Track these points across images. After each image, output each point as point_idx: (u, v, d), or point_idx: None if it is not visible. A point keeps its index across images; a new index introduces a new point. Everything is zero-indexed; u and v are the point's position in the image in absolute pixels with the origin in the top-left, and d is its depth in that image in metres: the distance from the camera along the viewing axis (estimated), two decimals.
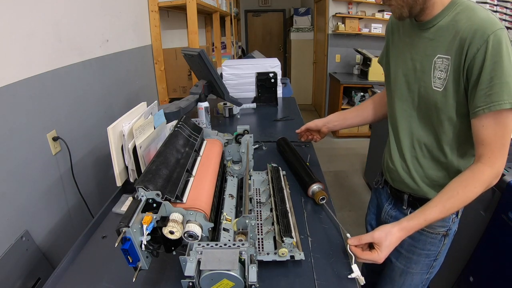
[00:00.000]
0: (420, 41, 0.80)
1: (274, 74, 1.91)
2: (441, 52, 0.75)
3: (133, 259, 0.55)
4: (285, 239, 0.69)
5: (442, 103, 0.76)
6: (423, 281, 0.97)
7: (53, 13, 1.12)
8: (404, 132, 0.89)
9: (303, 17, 5.26)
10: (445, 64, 0.74)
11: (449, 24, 0.73)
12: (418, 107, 0.84)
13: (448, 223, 0.89)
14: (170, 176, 0.65)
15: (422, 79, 0.80)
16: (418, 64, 0.81)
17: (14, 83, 0.94)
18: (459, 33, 0.70)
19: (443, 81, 0.75)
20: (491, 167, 0.70)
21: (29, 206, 1.00)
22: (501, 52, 0.65)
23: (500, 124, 0.68)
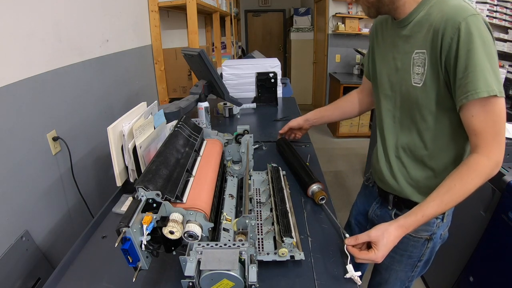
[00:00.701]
0: (399, 39, 0.80)
1: (274, 74, 1.91)
2: (417, 47, 0.74)
3: (133, 259, 0.55)
4: (285, 239, 0.69)
5: (422, 99, 0.75)
6: (409, 278, 0.96)
7: (53, 13, 1.12)
8: (389, 133, 0.88)
9: (303, 17, 5.26)
10: (422, 59, 0.73)
11: (423, 18, 0.73)
12: (401, 106, 0.83)
13: (431, 227, 0.86)
14: (170, 176, 0.65)
15: (403, 77, 0.79)
16: (399, 63, 0.80)
17: (14, 83, 0.94)
18: (432, 25, 0.69)
19: (422, 76, 0.74)
20: (487, 156, 0.67)
21: (29, 206, 1.00)
22: (473, 39, 0.63)
23: (489, 112, 0.65)
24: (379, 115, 0.93)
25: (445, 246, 1.02)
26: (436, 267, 1.70)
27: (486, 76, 0.63)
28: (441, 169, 0.80)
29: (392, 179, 0.89)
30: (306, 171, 1.00)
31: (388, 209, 0.94)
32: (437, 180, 0.78)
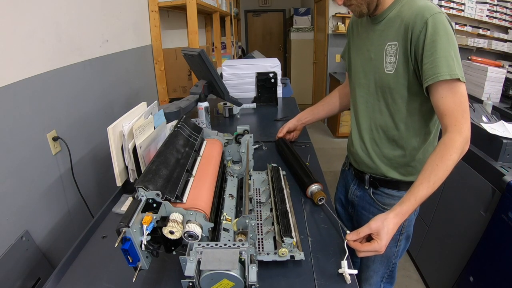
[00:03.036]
0: (373, 33, 0.91)
1: (274, 74, 1.91)
2: (390, 40, 0.85)
3: (133, 259, 0.55)
4: (285, 239, 0.69)
5: (394, 84, 0.86)
6: (394, 253, 1.04)
7: (53, 13, 1.12)
8: (363, 117, 0.98)
9: (303, 17, 5.26)
10: (394, 50, 0.84)
11: (396, 15, 0.84)
12: (375, 92, 0.93)
13: None
14: (170, 176, 0.65)
15: (376, 66, 0.90)
16: (372, 54, 0.91)
17: (14, 83, 0.94)
18: (403, 21, 0.81)
19: (394, 65, 0.85)
20: (459, 133, 0.74)
21: (29, 206, 1.00)
22: (438, 32, 0.74)
23: (456, 93, 0.75)
24: (353, 102, 1.03)
25: (445, 246, 1.02)
26: (436, 267, 1.70)
27: (449, 62, 0.74)
28: (410, 148, 0.92)
29: (368, 158, 0.99)
30: (305, 171, 1.00)
31: (365, 189, 1.04)
32: (407, 158, 0.93)
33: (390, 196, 0.99)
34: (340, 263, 0.69)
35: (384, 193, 0.99)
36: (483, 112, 1.62)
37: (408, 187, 0.92)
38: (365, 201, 1.04)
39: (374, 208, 1.02)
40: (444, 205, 1.62)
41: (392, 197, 0.99)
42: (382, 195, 1.00)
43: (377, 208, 1.01)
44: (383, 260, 1.05)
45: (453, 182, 1.56)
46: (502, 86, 2.15)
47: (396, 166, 0.95)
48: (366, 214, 1.05)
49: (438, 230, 1.68)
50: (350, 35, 1.05)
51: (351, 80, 1.03)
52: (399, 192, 0.97)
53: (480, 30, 3.22)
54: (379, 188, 1.00)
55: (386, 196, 0.99)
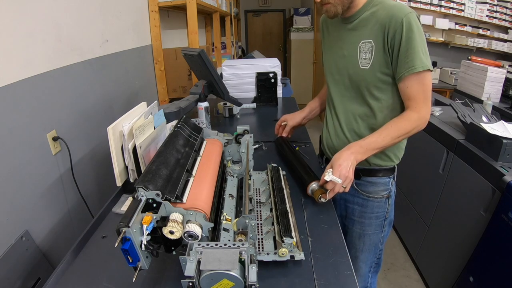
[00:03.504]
0: (346, 33, 0.98)
1: (274, 74, 1.91)
2: (364, 38, 0.93)
3: (133, 259, 0.55)
4: (285, 239, 0.69)
5: (369, 78, 0.94)
6: (380, 240, 1.11)
7: (53, 13, 1.12)
8: (341, 110, 1.05)
9: (303, 17, 5.26)
10: (369, 47, 0.92)
11: (369, 16, 0.92)
12: (350, 86, 1.00)
13: (388, 186, 1.06)
14: (170, 176, 0.65)
15: (350, 62, 0.97)
16: (345, 51, 0.98)
17: (14, 83, 0.94)
18: (379, 21, 0.89)
19: (369, 60, 0.93)
20: (418, 112, 0.88)
21: (29, 206, 1.00)
22: (412, 30, 0.84)
23: (421, 83, 0.87)
24: (329, 98, 1.10)
25: (445, 246, 1.03)
26: (436, 267, 1.70)
27: (421, 57, 0.85)
28: None
29: None
30: (306, 169, 1.00)
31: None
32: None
33: (373, 184, 1.04)
34: (341, 264, 0.69)
35: (367, 182, 1.05)
36: (483, 112, 1.62)
37: (389, 172, 1.06)
38: (349, 194, 1.06)
39: (358, 198, 1.07)
40: (444, 205, 1.62)
41: (375, 184, 1.04)
42: (366, 184, 1.05)
43: (361, 198, 1.06)
44: (370, 248, 1.11)
45: (453, 182, 1.56)
46: (502, 86, 2.16)
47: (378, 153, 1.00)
48: (351, 206, 1.09)
49: (438, 230, 1.68)
50: (322, 33, 1.12)
51: (326, 77, 1.10)
52: (382, 178, 1.04)
53: (480, 30, 3.22)
54: (362, 177, 1.04)
55: (369, 185, 1.05)
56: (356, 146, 0.88)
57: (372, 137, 0.90)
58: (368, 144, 0.89)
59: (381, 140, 0.89)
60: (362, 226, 1.09)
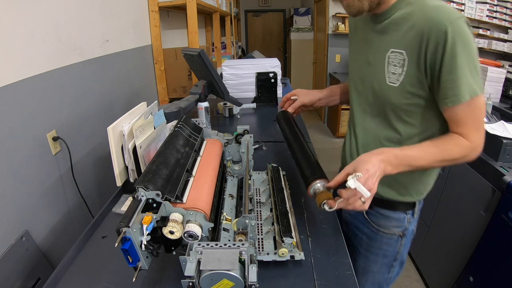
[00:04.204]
0: (373, 35, 0.79)
1: (274, 74, 1.91)
2: (394, 46, 0.73)
3: (133, 259, 0.55)
4: (285, 239, 0.69)
5: (398, 99, 0.74)
6: (386, 280, 0.95)
7: (53, 13, 1.12)
8: (360, 128, 0.88)
9: (303, 17, 5.26)
10: (399, 59, 0.72)
11: (402, 17, 0.71)
12: (374, 103, 0.82)
13: (403, 223, 0.88)
14: (170, 176, 0.65)
15: (375, 74, 0.78)
16: (371, 58, 0.80)
17: (14, 83, 0.94)
18: (415, 27, 0.68)
19: (399, 76, 0.73)
20: (469, 141, 0.70)
21: (29, 206, 1.00)
22: (460, 44, 0.64)
23: (472, 109, 0.68)
24: (351, 110, 0.93)
25: (445, 246, 1.02)
26: (436, 267, 1.70)
27: (469, 80, 0.66)
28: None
29: None
30: (309, 160, 0.79)
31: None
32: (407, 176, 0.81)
33: (385, 217, 0.88)
34: (341, 264, 0.69)
35: (379, 214, 0.89)
36: None
37: (406, 207, 0.87)
38: (359, 220, 0.94)
39: (367, 229, 0.92)
40: (444, 205, 1.62)
41: (387, 218, 0.88)
42: (377, 216, 0.89)
43: (370, 229, 0.91)
44: (373, 286, 0.96)
45: (453, 182, 1.56)
46: (502, 86, 2.15)
47: (394, 183, 0.84)
48: (360, 234, 0.95)
49: (438, 230, 1.68)
50: (351, 34, 0.93)
51: (349, 85, 0.92)
52: (395, 213, 0.87)
53: (480, 30, 3.22)
54: (374, 208, 0.89)
55: (381, 217, 0.89)
56: (390, 154, 0.67)
57: (411, 150, 0.70)
58: (404, 157, 0.68)
59: (421, 158, 0.69)
60: (367, 261, 0.94)
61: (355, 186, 0.60)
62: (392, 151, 0.68)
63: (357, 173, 0.62)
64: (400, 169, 0.68)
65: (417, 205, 0.88)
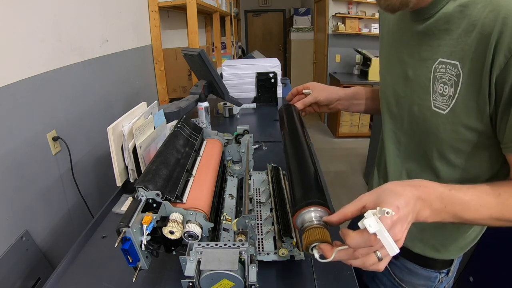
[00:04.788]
0: (413, 37, 0.57)
1: (274, 74, 1.91)
2: (444, 55, 0.51)
3: (133, 259, 0.55)
4: (285, 239, 0.69)
5: (446, 131, 0.53)
6: None
7: (53, 13, 1.12)
8: (392, 161, 0.68)
9: (303, 17, 5.26)
10: (451, 75, 0.50)
11: (455, 12, 0.49)
12: (411, 132, 0.62)
13: (433, 283, 0.70)
14: (170, 176, 0.65)
15: (416, 93, 0.57)
16: (410, 71, 0.58)
17: (14, 83, 0.94)
18: (476, 26, 0.46)
19: (449, 100, 0.51)
20: None
21: (29, 206, 1.00)
22: None
23: None
24: (381, 136, 0.73)
25: None
26: None
27: None
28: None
29: None
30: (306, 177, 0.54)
31: None
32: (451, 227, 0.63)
33: (412, 272, 0.71)
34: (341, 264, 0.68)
35: (405, 267, 0.72)
36: None
37: (440, 266, 0.68)
38: None
39: (388, 281, 0.76)
40: None
41: (415, 275, 0.71)
42: (402, 269, 0.72)
43: (391, 282, 0.75)
44: None
45: None
46: None
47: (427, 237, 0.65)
48: (377, 284, 0.80)
49: None
50: (381, 30, 0.70)
51: (381, 100, 0.71)
52: (426, 270, 0.69)
53: None
54: (400, 259, 0.72)
55: (407, 272, 0.72)
56: (432, 191, 0.44)
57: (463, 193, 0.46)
58: (452, 201, 0.45)
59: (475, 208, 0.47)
60: None
61: (376, 231, 0.36)
62: (436, 187, 0.45)
63: (384, 209, 0.37)
64: (441, 219, 0.46)
65: (455, 261, 0.69)
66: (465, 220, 0.47)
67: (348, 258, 0.41)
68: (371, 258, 0.39)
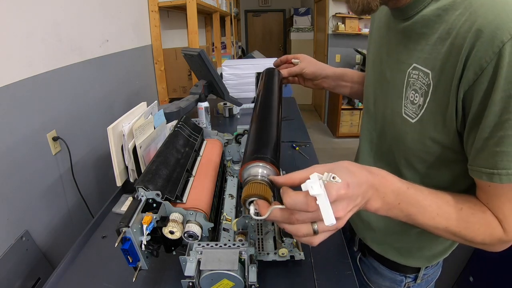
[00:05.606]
0: (395, 36, 0.54)
1: None
2: (419, 61, 0.48)
3: (133, 259, 0.55)
4: (285, 239, 0.69)
5: (413, 141, 0.50)
6: None
7: (53, 13, 1.12)
8: (364, 156, 0.67)
9: (303, 17, 5.26)
10: (422, 83, 0.47)
11: (434, 16, 0.45)
12: (382, 133, 0.59)
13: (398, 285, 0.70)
14: (170, 176, 0.65)
15: (390, 96, 0.55)
16: (388, 72, 0.56)
17: (14, 83, 0.94)
18: (451, 35, 0.42)
19: (418, 109, 0.48)
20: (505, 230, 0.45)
21: (29, 206, 1.00)
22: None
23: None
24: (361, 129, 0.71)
25: None
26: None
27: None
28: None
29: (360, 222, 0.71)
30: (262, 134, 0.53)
31: (354, 250, 0.78)
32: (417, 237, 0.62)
33: (378, 272, 0.71)
34: (341, 264, 0.69)
35: (372, 266, 0.73)
36: None
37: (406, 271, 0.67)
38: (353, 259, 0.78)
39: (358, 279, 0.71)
40: None
41: (380, 275, 0.71)
42: (369, 268, 0.73)
43: (360, 280, 0.74)
44: None
45: None
46: None
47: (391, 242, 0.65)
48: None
49: None
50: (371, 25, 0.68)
51: (363, 94, 0.69)
52: (392, 272, 0.69)
53: None
54: (367, 257, 0.73)
55: (373, 271, 0.72)
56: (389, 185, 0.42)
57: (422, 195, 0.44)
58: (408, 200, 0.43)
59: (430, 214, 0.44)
60: None
61: (317, 194, 0.33)
62: (394, 181, 0.42)
63: (332, 174, 0.35)
64: (393, 215, 0.43)
65: (422, 269, 0.67)
66: (418, 224, 0.45)
67: (283, 220, 0.39)
68: (306, 227, 0.37)
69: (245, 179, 0.44)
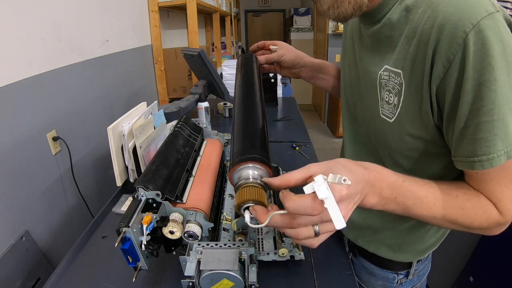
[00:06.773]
0: (365, 42, 0.56)
1: (274, 74, 1.91)
2: (389, 62, 0.49)
3: (133, 259, 0.55)
4: (285, 239, 0.69)
5: (394, 140, 0.52)
6: None
7: (53, 13, 1.12)
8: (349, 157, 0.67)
9: (303, 17, 5.26)
10: (394, 83, 0.48)
11: (400, 17, 0.47)
12: (366, 134, 0.61)
13: (392, 284, 0.70)
14: (170, 176, 0.65)
15: (367, 99, 0.56)
16: (361, 72, 0.57)
17: (14, 83, 0.94)
18: (416, 33, 0.43)
19: (394, 108, 0.49)
20: (501, 212, 0.45)
21: (29, 206, 1.00)
22: (490, 63, 0.37)
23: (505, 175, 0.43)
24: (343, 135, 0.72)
25: (445, 246, 1.02)
26: (436, 267, 1.70)
27: (508, 129, 0.39)
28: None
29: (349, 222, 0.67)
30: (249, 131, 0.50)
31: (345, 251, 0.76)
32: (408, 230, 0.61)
33: (369, 272, 0.72)
34: (341, 264, 0.69)
35: (363, 266, 0.73)
36: None
37: (397, 267, 0.67)
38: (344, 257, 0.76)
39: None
40: None
41: (371, 275, 0.71)
42: (361, 268, 0.73)
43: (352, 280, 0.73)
44: None
45: None
46: None
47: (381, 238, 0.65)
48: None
49: None
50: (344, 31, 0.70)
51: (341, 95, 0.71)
52: (383, 271, 0.69)
53: None
54: (358, 257, 0.72)
55: (364, 271, 0.72)
56: (384, 180, 0.42)
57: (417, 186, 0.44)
58: (403, 192, 0.43)
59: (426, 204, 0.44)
60: None
61: (325, 198, 0.32)
62: (389, 176, 0.42)
63: (341, 176, 0.33)
64: (390, 209, 0.43)
65: (414, 265, 0.67)
66: (415, 216, 0.45)
67: (284, 226, 0.37)
68: (307, 230, 0.36)
69: (236, 183, 0.41)
